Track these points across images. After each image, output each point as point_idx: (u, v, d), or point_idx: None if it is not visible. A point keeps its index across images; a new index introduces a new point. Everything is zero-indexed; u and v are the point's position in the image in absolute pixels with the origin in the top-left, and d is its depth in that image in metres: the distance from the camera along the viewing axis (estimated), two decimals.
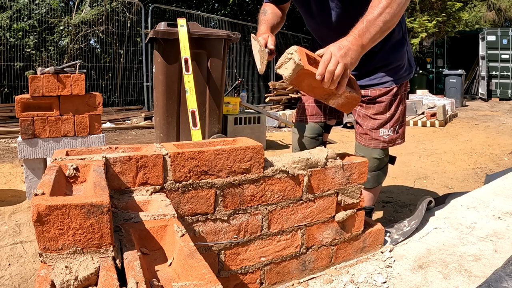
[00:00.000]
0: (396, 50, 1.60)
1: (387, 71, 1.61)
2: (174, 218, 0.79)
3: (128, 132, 6.11)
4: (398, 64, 1.61)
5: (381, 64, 1.60)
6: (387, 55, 1.58)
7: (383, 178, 1.74)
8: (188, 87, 3.23)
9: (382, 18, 1.26)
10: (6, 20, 7.19)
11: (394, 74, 1.62)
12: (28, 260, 1.82)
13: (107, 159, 0.89)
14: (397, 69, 1.62)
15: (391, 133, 1.66)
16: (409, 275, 1.17)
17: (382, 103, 1.63)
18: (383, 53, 1.58)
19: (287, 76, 1.16)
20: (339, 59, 1.18)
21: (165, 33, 3.35)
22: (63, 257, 0.62)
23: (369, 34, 1.25)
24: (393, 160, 1.86)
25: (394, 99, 1.64)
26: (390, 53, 1.59)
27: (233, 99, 4.59)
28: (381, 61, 1.59)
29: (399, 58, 1.61)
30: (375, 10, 1.27)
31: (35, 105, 2.66)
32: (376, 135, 1.65)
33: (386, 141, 1.66)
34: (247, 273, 1.10)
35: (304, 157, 1.14)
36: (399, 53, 1.61)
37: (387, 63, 1.60)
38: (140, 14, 8.62)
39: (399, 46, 1.60)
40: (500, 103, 11.10)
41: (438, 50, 14.34)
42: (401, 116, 1.69)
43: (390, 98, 1.63)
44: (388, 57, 1.59)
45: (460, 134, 5.96)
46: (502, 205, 1.67)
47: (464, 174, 3.56)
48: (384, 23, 1.27)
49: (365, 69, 1.58)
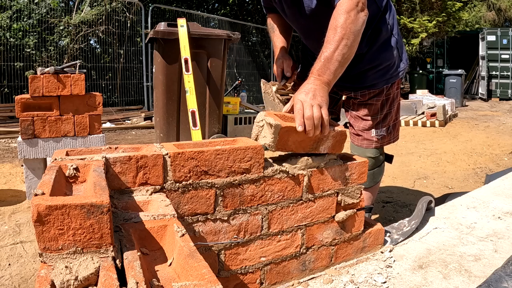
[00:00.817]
0: (385, 50, 1.56)
1: (377, 72, 1.57)
2: (174, 218, 0.79)
3: (128, 132, 6.11)
4: (387, 64, 1.58)
5: (370, 66, 1.56)
6: (375, 55, 1.55)
7: (379, 177, 1.74)
8: (188, 87, 3.23)
9: (339, 52, 1.22)
10: (6, 20, 7.19)
11: (384, 74, 1.58)
12: (28, 260, 1.82)
13: (107, 159, 0.89)
14: (387, 69, 1.58)
15: (384, 133, 1.64)
16: (409, 275, 1.17)
17: (373, 105, 1.60)
18: (371, 54, 1.54)
19: (270, 143, 1.08)
20: (311, 102, 1.13)
21: (165, 33, 3.35)
22: (63, 257, 0.62)
23: (329, 71, 1.21)
24: (390, 159, 1.86)
25: (386, 100, 1.62)
26: (379, 53, 1.55)
27: (233, 99, 4.59)
28: (369, 62, 1.55)
29: (388, 57, 1.57)
30: (331, 45, 1.22)
31: (35, 105, 2.66)
32: (368, 135, 1.63)
33: (378, 141, 1.64)
34: (247, 273, 1.10)
35: (304, 157, 1.14)
36: (388, 52, 1.57)
37: (376, 64, 1.56)
38: (140, 14, 8.62)
39: (387, 45, 1.57)
40: (500, 103, 11.11)
41: (438, 50, 14.34)
42: (395, 115, 1.67)
43: (382, 99, 1.60)
44: (376, 58, 1.55)
45: (460, 134, 5.96)
46: (502, 205, 1.67)
47: (464, 174, 3.56)
48: (342, 56, 1.22)
49: (354, 72, 1.54)
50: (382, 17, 1.55)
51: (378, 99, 1.60)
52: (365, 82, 1.58)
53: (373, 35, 1.54)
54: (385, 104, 1.62)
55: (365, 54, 1.53)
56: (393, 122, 1.67)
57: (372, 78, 1.57)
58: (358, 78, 1.57)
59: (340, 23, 1.23)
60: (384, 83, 1.59)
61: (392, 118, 1.66)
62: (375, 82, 1.58)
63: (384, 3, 1.56)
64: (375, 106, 1.61)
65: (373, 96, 1.60)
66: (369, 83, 1.58)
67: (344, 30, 1.22)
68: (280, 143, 1.09)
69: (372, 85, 1.58)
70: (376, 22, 1.54)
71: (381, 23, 1.55)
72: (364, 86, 1.59)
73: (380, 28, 1.54)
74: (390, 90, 1.63)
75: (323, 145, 1.16)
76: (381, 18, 1.55)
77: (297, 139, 1.12)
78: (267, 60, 12.10)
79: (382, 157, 1.72)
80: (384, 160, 1.77)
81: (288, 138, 1.10)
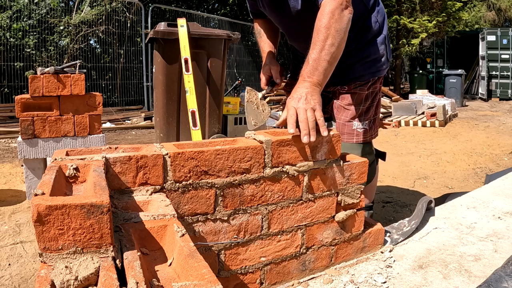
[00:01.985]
0: (372, 44, 1.59)
1: (364, 64, 1.59)
2: (174, 218, 0.79)
3: (128, 132, 6.11)
4: (375, 57, 1.60)
5: (357, 59, 1.58)
6: (362, 49, 1.58)
7: (371, 177, 1.71)
8: (188, 87, 3.23)
9: (327, 52, 1.22)
10: (6, 20, 7.19)
11: (370, 67, 1.60)
12: (28, 260, 1.83)
13: (107, 159, 0.89)
14: (374, 61, 1.61)
15: (366, 127, 1.64)
16: (409, 275, 1.17)
17: (357, 94, 1.61)
18: (359, 49, 1.57)
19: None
20: (304, 107, 1.13)
21: (165, 33, 3.35)
22: (63, 257, 0.62)
23: (318, 71, 1.22)
24: (383, 156, 1.85)
25: (371, 93, 1.63)
26: (366, 47, 1.58)
27: (233, 99, 4.59)
28: (356, 56, 1.58)
29: (376, 51, 1.59)
30: (317, 46, 1.23)
31: (35, 105, 2.66)
32: (349, 128, 1.63)
33: (360, 135, 1.63)
34: (247, 273, 1.10)
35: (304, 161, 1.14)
36: (375, 47, 1.59)
37: (363, 56, 1.58)
38: (140, 14, 8.62)
39: (375, 42, 1.59)
40: (500, 103, 11.10)
41: (438, 50, 14.34)
42: (375, 109, 1.68)
43: (366, 91, 1.62)
44: (364, 52, 1.58)
45: (460, 134, 5.96)
46: (502, 205, 1.67)
47: (464, 174, 3.56)
48: (330, 55, 1.23)
49: (341, 66, 1.52)
50: (369, 15, 1.58)
51: (362, 89, 1.62)
52: (353, 74, 1.60)
53: (360, 33, 1.56)
54: (369, 96, 1.64)
55: (353, 50, 1.55)
56: (373, 117, 1.68)
57: (359, 70, 1.60)
58: (345, 71, 1.59)
59: (324, 23, 1.24)
60: (370, 76, 1.61)
61: (373, 112, 1.67)
62: (362, 73, 1.60)
63: (372, 1, 1.58)
64: (359, 96, 1.62)
65: (358, 86, 1.61)
66: (357, 75, 1.60)
67: (328, 30, 1.23)
68: (275, 158, 1.09)
69: (359, 76, 1.60)
70: (363, 20, 1.56)
71: (368, 21, 1.57)
72: (351, 78, 1.60)
73: (367, 25, 1.57)
74: (376, 84, 1.65)
75: (320, 152, 1.16)
76: (368, 16, 1.57)
77: (292, 150, 1.11)
78: None
79: (371, 157, 1.69)
80: (374, 160, 1.75)
81: (282, 151, 1.10)
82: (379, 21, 1.60)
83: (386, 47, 1.63)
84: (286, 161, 1.10)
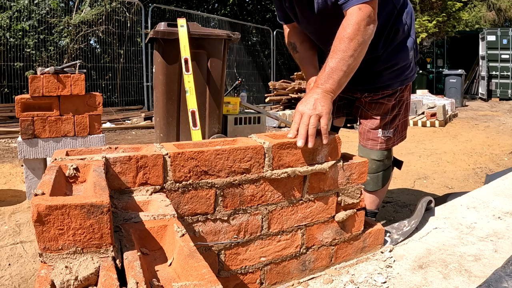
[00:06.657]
0: (401, 50, 1.52)
1: (392, 72, 1.53)
2: (174, 218, 0.79)
3: (128, 132, 6.11)
4: (403, 65, 1.54)
5: (385, 66, 1.52)
6: (391, 55, 1.51)
7: (385, 182, 1.68)
8: (188, 87, 3.23)
9: (345, 63, 1.21)
10: (6, 20, 7.19)
11: (399, 75, 1.55)
12: (28, 260, 1.82)
13: (107, 159, 0.89)
14: (402, 69, 1.55)
15: (390, 135, 1.61)
16: (409, 275, 1.17)
17: (384, 104, 1.57)
18: (387, 55, 1.50)
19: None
20: (310, 113, 1.14)
21: (165, 33, 3.35)
22: (63, 257, 0.62)
23: (333, 80, 1.21)
24: (399, 165, 1.82)
25: (398, 102, 1.59)
26: (395, 53, 1.51)
27: (233, 99, 4.58)
28: (385, 62, 1.51)
29: (405, 57, 1.53)
30: (337, 55, 1.22)
31: (35, 105, 2.66)
32: (374, 135, 1.60)
33: (384, 142, 1.61)
34: (247, 273, 1.10)
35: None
36: (405, 53, 1.53)
37: (392, 64, 1.52)
38: (140, 14, 8.62)
39: (404, 46, 1.52)
40: (500, 103, 11.11)
41: (438, 50, 14.34)
42: (404, 117, 1.64)
43: (393, 101, 1.58)
44: (392, 58, 1.51)
45: (460, 134, 5.96)
46: (502, 205, 1.67)
47: (464, 174, 3.56)
48: (347, 67, 1.22)
49: (369, 72, 1.51)
50: (398, 16, 1.49)
51: (390, 100, 1.57)
52: (380, 83, 1.54)
53: (390, 36, 1.49)
54: (396, 106, 1.59)
55: (381, 55, 1.49)
56: (403, 123, 1.64)
57: (387, 78, 1.54)
58: (373, 78, 1.54)
59: (348, 33, 1.22)
60: (398, 84, 1.56)
61: (401, 119, 1.63)
62: (390, 82, 1.55)
63: (401, 1, 1.51)
64: (386, 106, 1.58)
65: (386, 96, 1.56)
66: (384, 83, 1.55)
67: (351, 42, 1.21)
68: (275, 161, 1.09)
69: (387, 85, 1.55)
70: (392, 22, 1.48)
71: (398, 23, 1.49)
72: (378, 86, 1.55)
73: (397, 28, 1.49)
74: (403, 93, 1.60)
75: (320, 155, 1.16)
76: (397, 17, 1.49)
77: (293, 153, 1.12)
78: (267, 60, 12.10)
79: (388, 161, 1.67)
80: (391, 165, 1.72)
81: (282, 154, 1.10)
82: (407, 23, 1.52)
83: (414, 51, 1.57)
84: (287, 164, 1.11)
